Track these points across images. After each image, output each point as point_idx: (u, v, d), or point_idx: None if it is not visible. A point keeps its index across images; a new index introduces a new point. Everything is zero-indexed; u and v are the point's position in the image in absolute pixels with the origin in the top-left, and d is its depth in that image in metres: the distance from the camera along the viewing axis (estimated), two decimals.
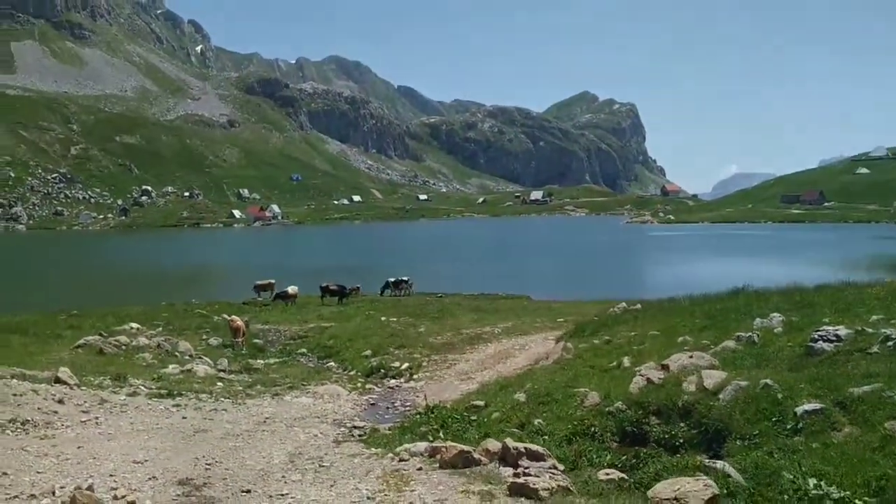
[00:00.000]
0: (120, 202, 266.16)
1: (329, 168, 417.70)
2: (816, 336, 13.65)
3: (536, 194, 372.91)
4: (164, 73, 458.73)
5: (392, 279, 49.82)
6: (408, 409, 17.75)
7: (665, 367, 14.05)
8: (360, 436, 14.69)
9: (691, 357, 14.10)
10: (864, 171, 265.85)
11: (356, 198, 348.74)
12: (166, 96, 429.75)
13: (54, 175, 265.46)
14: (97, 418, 14.69)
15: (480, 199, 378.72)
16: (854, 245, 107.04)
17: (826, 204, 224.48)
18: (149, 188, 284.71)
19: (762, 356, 13.92)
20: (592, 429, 12.22)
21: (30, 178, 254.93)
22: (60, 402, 15.56)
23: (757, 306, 18.03)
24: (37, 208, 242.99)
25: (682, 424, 12.09)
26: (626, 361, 15.98)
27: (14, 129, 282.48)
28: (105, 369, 20.57)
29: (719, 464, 9.53)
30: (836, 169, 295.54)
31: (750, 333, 15.31)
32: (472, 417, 14.55)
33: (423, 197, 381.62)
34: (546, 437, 12.27)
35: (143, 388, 18.06)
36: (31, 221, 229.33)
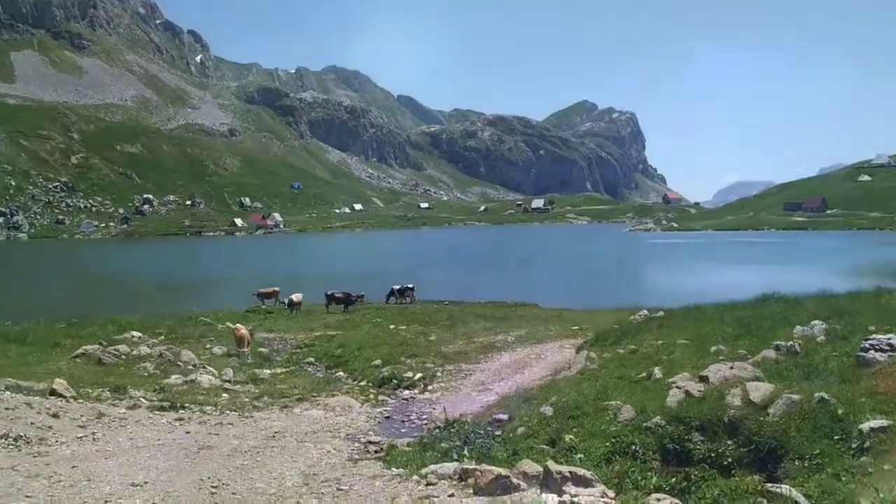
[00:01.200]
0: (121, 211, 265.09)
1: (329, 177, 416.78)
2: (867, 345, 12.68)
3: (537, 202, 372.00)
4: (164, 83, 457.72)
5: (397, 286, 48.79)
6: (425, 422, 16.78)
7: (704, 379, 13.11)
8: (376, 452, 13.74)
9: (732, 368, 13.16)
10: (865, 178, 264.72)
11: (357, 206, 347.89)
12: (166, 105, 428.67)
13: (55, 184, 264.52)
14: (94, 434, 13.75)
15: (482, 208, 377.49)
16: (865, 252, 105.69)
17: (829, 211, 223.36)
18: (150, 197, 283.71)
19: (808, 367, 12.97)
20: (633, 447, 11.25)
21: (31, 187, 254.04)
22: (55, 416, 14.61)
23: (793, 313, 17.07)
24: (38, 217, 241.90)
25: (729, 442, 11.15)
26: (658, 372, 15.02)
27: (14, 138, 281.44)
28: (104, 380, 19.62)
29: (784, 488, 8.59)
30: (838, 176, 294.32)
31: (791, 342, 14.36)
32: (497, 433, 13.62)
33: (424, 205, 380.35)
34: (581, 456, 11.31)
35: (143, 400, 17.11)
36: (32, 230, 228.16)
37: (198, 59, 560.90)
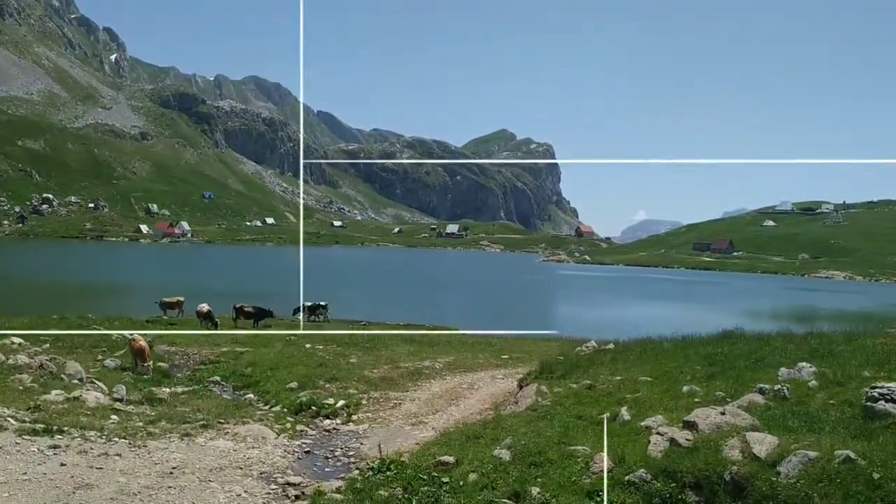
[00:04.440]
0: (18, 209, 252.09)
1: (243, 188, 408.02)
2: (876, 394, 11.01)
3: (452, 228, 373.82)
4: (75, 79, 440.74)
5: (308, 303, 46.05)
6: (352, 459, 14.41)
7: (690, 426, 11.23)
8: (297, 498, 11.35)
9: (723, 414, 11.31)
10: (770, 223, 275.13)
11: (269, 220, 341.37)
12: (75, 103, 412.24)
13: None
14: None
15: (396, 229, 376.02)
16: (778, 295, 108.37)
17: (735, 253, 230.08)
18: (50, 196, 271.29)
19: (807, 416, 11.25)
20: None
21: None
22: None
23: (769, 353, 15.47)
24: None
25: None
26: (625, 413, 13.11)
27: None
28: None
29: None
30: (744, 220, 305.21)
31: (778, 386, 12.64)
32: (444, 479, 11.36)
33: (337, 223, 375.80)
34: None
35: (11, 420, 14.18)
36: None
37: (112, 57, 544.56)
